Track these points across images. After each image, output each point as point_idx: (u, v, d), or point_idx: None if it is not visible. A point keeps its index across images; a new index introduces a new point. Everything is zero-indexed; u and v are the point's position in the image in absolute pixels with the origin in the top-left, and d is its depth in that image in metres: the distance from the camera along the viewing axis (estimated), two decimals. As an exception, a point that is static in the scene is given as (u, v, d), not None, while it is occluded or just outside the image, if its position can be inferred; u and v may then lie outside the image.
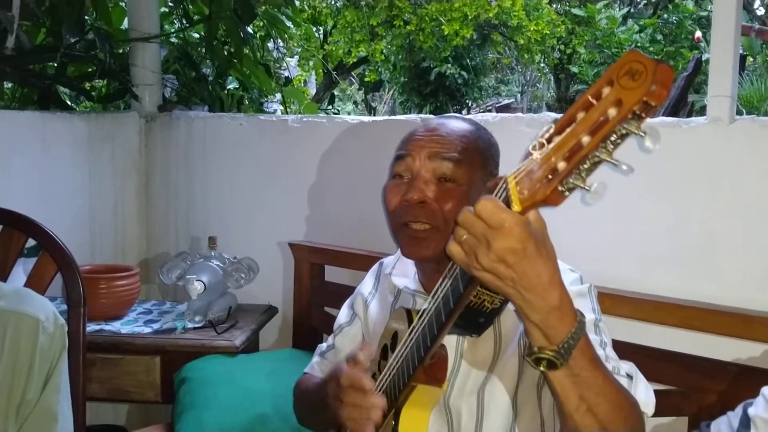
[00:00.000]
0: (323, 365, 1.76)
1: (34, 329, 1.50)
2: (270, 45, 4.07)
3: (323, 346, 1.82)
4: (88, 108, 3.79)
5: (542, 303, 1.00)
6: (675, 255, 2.02)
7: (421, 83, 13.19)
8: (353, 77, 13.85)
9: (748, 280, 1.92)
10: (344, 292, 1.87)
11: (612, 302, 1.89)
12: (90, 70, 3.24)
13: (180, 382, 2.33)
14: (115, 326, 2.50)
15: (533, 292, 0.99)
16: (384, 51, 11.38)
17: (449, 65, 12.52)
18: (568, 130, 0.90)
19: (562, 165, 0.89)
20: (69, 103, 3.77)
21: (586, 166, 0.89)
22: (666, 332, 1.89)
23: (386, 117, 3.37)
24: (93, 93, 3.56)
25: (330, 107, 8.80)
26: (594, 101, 0.88)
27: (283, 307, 2.83)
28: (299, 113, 3.99)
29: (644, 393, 1.28)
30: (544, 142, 0.92)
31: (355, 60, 11.54)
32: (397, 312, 1.40)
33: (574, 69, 12.77)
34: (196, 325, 2.51)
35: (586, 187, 0.89)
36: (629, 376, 1.28)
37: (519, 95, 16.62)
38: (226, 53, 3.52)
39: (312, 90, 10.25)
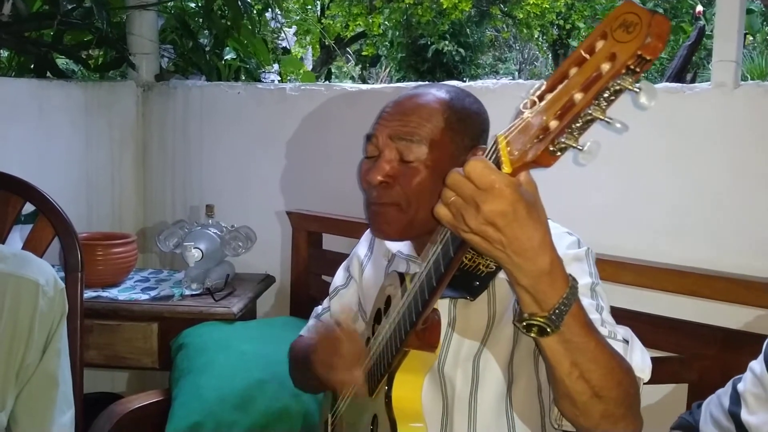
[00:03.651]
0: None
1: (34, 293, 1.49)
2: (267, 15, 4.01)
3: (319, 308, 1.84)
4: (85, 77, 3.77)
5: (532, 267, 0.97)
6: (677, 221, 2.01)
7: (418, 60, 13.14)
8: (350, 54, 13.77)
9: (750, 246, 1.91)
10: (341, 260, 1.86)
11: (614, 269, 1.88)
12: (87, 38, 3.22)
13: (177, 348, 2.33)
14: (112, 293, 2.49)
15: (523, 256, 0.96)
16: (381, 26, 11.31)
17: (446, 42, 12.46)
18: (560, 87, 0.87)
19: (554, 123, 0.87)
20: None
21: (578, 124, 0.86)
22: (667, 299, 1.89)
23: (384, 85, 3.34)
24: (90, 62, 3.53)
25: (326, 83, 8.73)
26: (587, 56, 0.85)
27: (281, 276, 2.82)
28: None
29: (640, 358, 1.27)
30: (536, 100, 0.89)
31: (353, 33, 11.47)
32: (390, 276, 1.40)
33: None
34: (194, 293, 2.51)
35: (579, 147, 0.86)
36: (625, 341, 1.27)
37: (517, 73, 16.54)
38: (223, 23, 3.48)
39: (308, 66, 10.17)
